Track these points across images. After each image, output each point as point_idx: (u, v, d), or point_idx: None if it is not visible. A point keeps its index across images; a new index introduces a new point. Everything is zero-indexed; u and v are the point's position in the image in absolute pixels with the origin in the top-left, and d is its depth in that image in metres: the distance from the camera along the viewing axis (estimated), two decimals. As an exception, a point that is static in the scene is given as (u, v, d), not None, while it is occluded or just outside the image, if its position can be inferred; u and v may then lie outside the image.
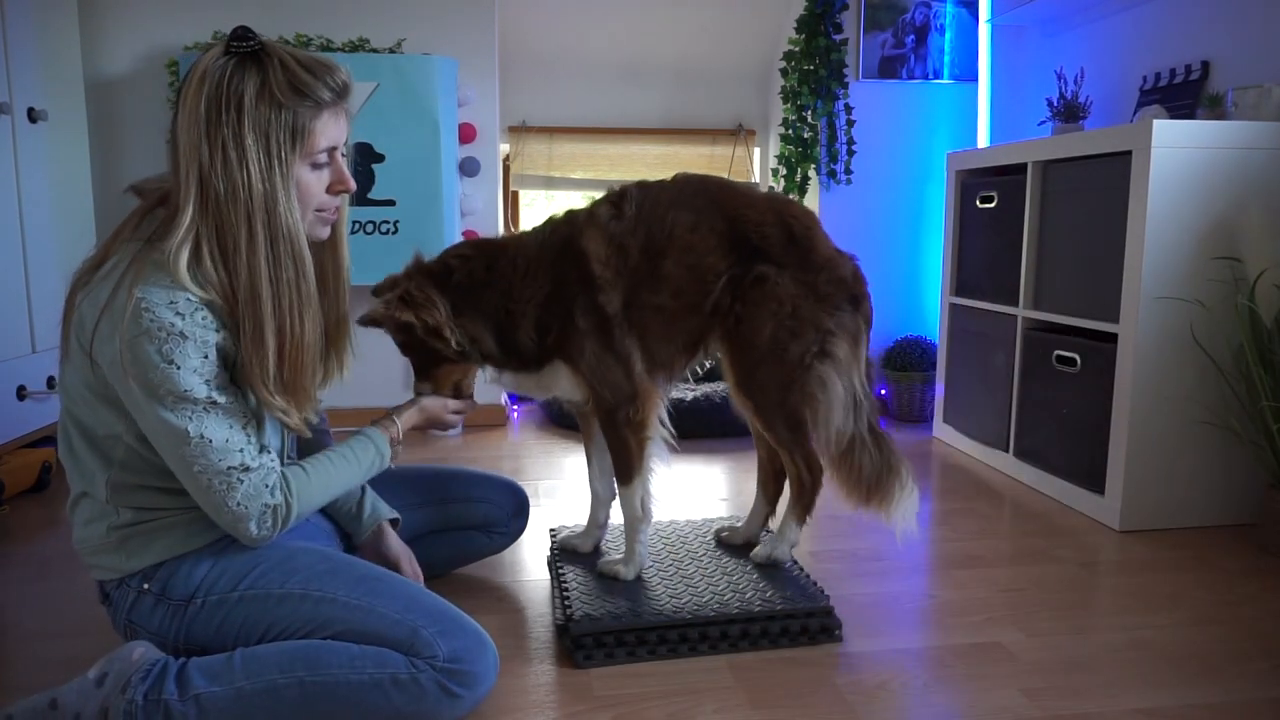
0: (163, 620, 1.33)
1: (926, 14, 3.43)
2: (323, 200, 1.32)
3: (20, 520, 2.29)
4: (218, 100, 1.19)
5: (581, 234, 1.66)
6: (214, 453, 1.23)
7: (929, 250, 3.55)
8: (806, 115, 3.39)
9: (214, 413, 1.23)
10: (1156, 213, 2.13)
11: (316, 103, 1.24)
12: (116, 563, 1.33)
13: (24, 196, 2.53)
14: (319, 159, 1.28)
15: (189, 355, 1.20)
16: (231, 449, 1.24)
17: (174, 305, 1.19)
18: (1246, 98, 2.25)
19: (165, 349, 1.18)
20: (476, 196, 3.27)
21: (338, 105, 1.29)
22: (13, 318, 2.49)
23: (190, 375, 1.20)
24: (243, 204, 1.21)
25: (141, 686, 1.23)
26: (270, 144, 1.21)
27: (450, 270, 1.68)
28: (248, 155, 1.20)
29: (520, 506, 1.93)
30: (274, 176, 1.22)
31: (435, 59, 2.99)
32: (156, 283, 1.19)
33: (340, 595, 1.33)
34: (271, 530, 1.30)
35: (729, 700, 1.46)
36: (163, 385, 1.19)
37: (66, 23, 2.79)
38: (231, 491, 1.25)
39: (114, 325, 1.18)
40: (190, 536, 1.35)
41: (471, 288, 1.66)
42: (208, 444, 1.22)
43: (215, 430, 1.23)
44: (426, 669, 1.28)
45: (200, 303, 1.21)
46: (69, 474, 1.36)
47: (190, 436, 1.21)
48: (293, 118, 1.23)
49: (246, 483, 1.26)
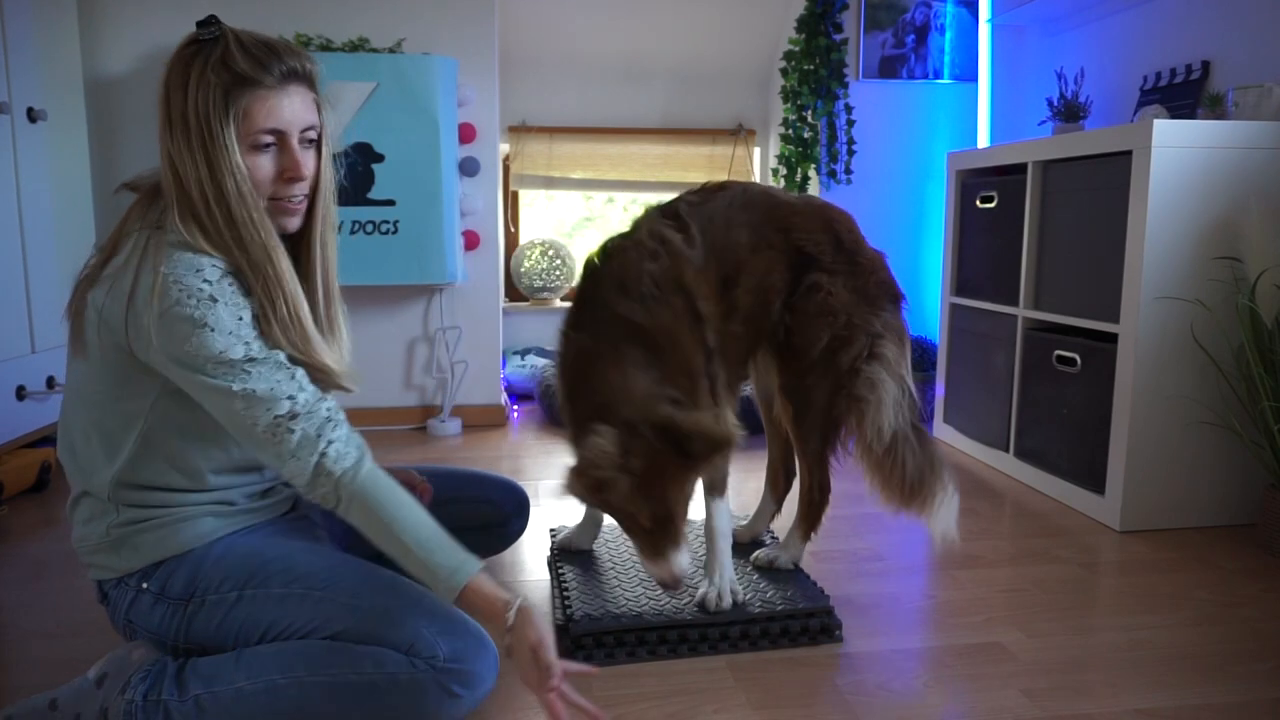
0: (162, 619, 1.33)
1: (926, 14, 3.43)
2: (275, 189, 1.28)
3: (20, 520, 2.29)
4: (170, 85, 1.24)
5: (681, 271, 1.58)
6: (260, 405, 1.22)
7: (929, 250, 3.55)
8: (806, 115, 3.39)
9: (255, 368, 1.23)
10: (1156, 213, 2.13)
11: (253, 83, 1.22)
12: (115, 562, 1.33)
13: (24, 196, 2.53)
14: (259, 140, 1.25)
15: (222, 318, 1.20)
16: (278, 397, 1.23)
17: (201, 273, 1.21)
18: (1247, 98, 2.25)
19: (197, 315, 1.19)
20: (476, 196, 3.27)
21: (285, 87, 1.25)
22: (13, 318, 2.49)
23: (225, 337, 1.20)
24: (203, 184, 1.23)
25: (141, 687, 1.23)
26: (208, 124, 1.21)
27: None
28: (191, 135, 1.22)
29: (520, 507, 1.89)
30: (217, 156, 1.22)
31: (435, 59, 2.99)
32: (179, 258, 1.21)
33: (340, 595, 1.33)
34: (326, 495, 1.25)
35: (729, 700, 1.45)
36: (200, 353, 1.19)
37: (66, 23, 2.79)
38: (284, 444, 1.23)
39: (145, 306, 1.19)
40: (189, 536, 1.35)
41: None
42: (253, 397, 1.22)
43: (259, 383, 1.23)
44: (427, 669, 1.28)
45: (225, 271, 1.23)
46: (69, 473, 1.36)
47: (236, 393, 1.21)
48: (224, 95, 1.21)
49: (299, 432, 1.24)
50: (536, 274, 3.87)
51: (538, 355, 3.76)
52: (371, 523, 1.27)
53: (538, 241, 3.90)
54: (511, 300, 3.97)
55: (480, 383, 3.36)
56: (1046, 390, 2.54)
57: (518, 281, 3.91)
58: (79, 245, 2.84)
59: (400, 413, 3.30)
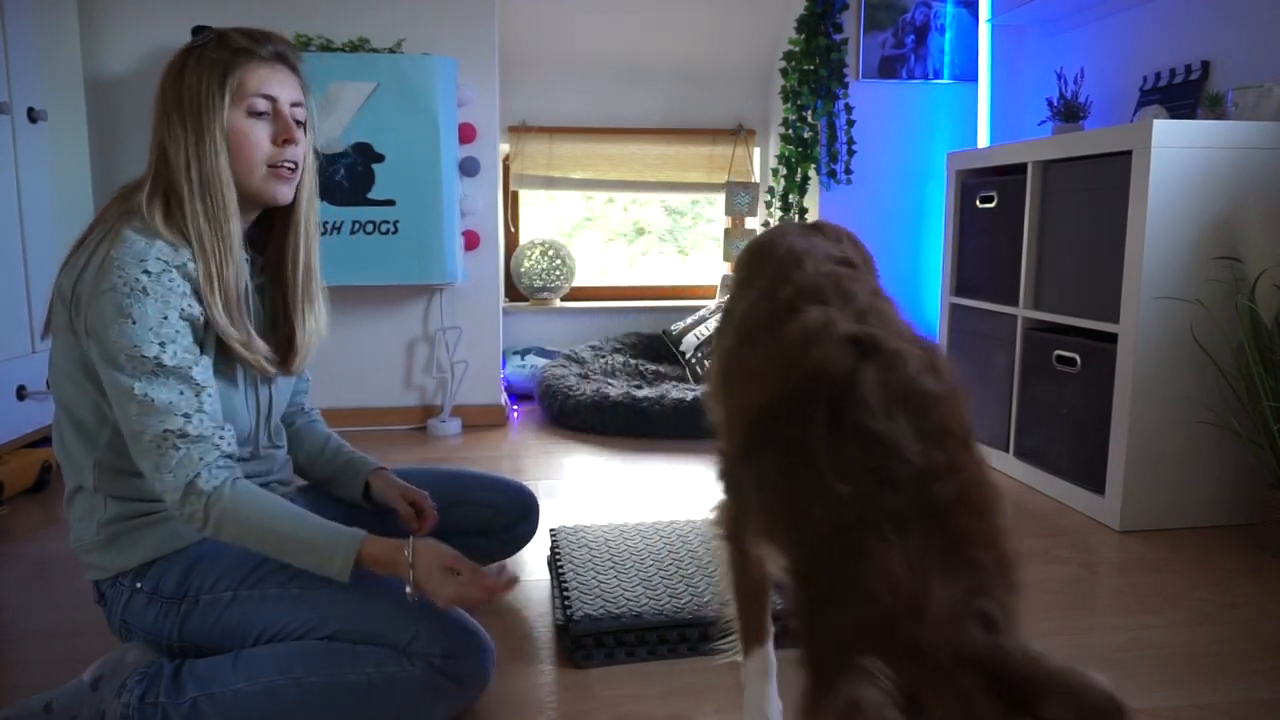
0: (156, 619, 1.33)
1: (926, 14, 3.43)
2: (271, 152, 1.33)
3: (20, 520, 2.29)
4: (168, 79, 1.31)
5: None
6: (155, 414, 1.21)
7: (929, 250, 3.54)
8: (806, 115, 3.39)
9: (162, 375, 1.22)
10: (1156, 213, 2.13)
11: (248, 54, 1.31)
12: (108, 560, 1.33)
13: (24, 196, 2.53)
14: (255, 105, 1.31)
15: (146, 312, 1.21)
16: (174, 413, 1.22)
17: (144, 263, 1.22)
18: (1246, 98, 2.25)
19: (124, 304, 1.20)
20: (476, 196, 3.27)
21: (276, 63, 1.34)
22: (13, 318, 2.49)
23: (144, 332, 1.21)
24: (181, 154, 1.28)
25: (137, 689, 1.23)
26: (200, 97, 1.28)
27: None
28: (183, 111, 1.28)
29: (525, 511, 1.84)
30: (204, 126, 1.28)
31: (435, 59, 2.99)
32: (132, 243, 1.22)
33: (337, 595, 1.32)
34: (190, 517, 1.24)
35: (729, 700, 1.45)
36: (118, 342, 1.20)
37: (66, 23, 2.79)
38: (165, 458, 1.22)
39: (92, 284, 1.22)
40: (179, 533, 1.35)
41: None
42: (149, 404, 1.21)
43: (160, 392, 1.22)
44: (424, 667, 1.28)
45: (173, 266, 1.23)
46: (63, 469, 1.36)
47: (135, 395, 1.21)
48: (222, 69, 1.29)
49: (183, 451, 1.22)
50: (536, 274, 3.87)
51: (538, 355, 3.76)
52: (248, 534, 1.25)
53: (538, 241, 3.90)
54: (511, 300, 3.97)
55: (480, 383, 3.36)
56: (1046, 390, 2.54)
57: (518, 281, 3.91)
58: (79, 245, 2.84)
59: (400, 413, 3.30)
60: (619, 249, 4.32)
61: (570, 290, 3.99)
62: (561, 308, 3.94)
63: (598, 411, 3.18)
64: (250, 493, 1.26)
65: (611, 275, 4.27)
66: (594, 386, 3.30)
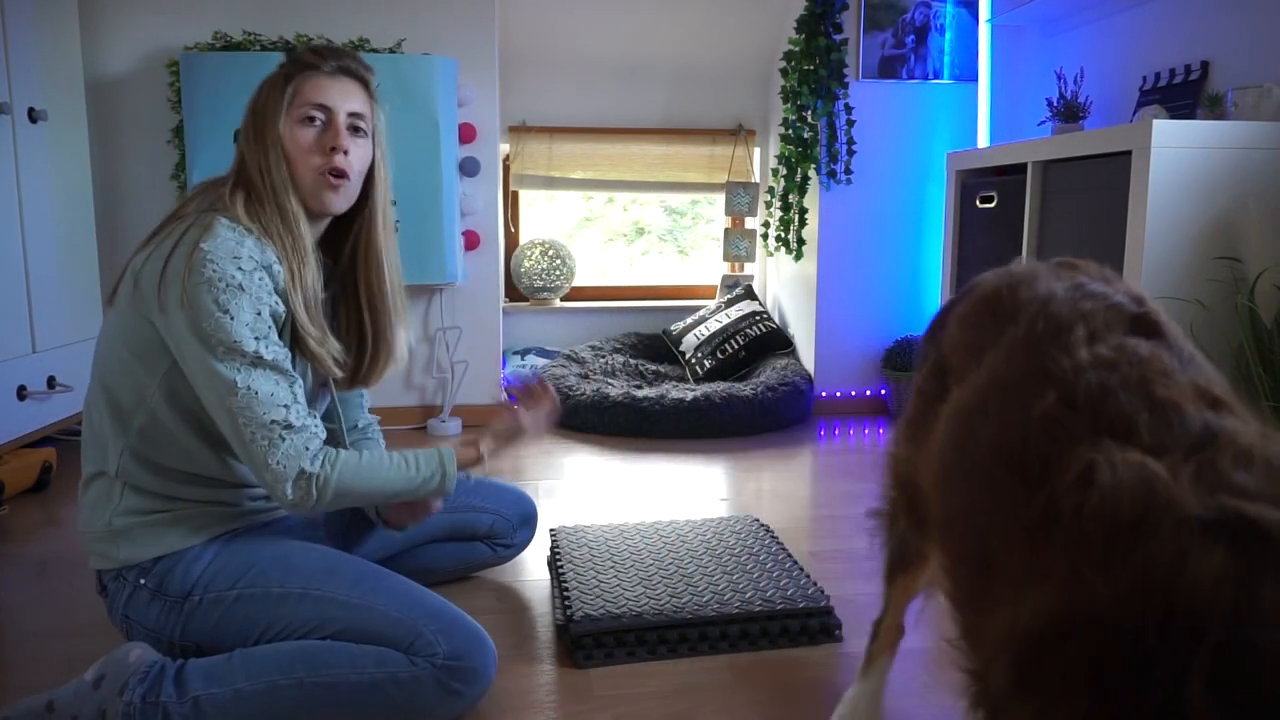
0: (159, 616, 1.33)
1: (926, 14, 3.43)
2: (319, 161, 1.37)
3: (20, 520, 2.29)
4: (256, 90, 1.41)
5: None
6: (259, 405, 1.26)
7: (929, 250, 3.54)
8: (806, 115, 3.39)
9: (261, 367, 1.28)
10: (1156, 213, 2.13)
11: (312, 68, 1.39)
12: (115, 553, 1.34)
13: (24, 196, 2.53)
14: (307, 112, 1.37)
15: (243, 308, 1.26)
16: (276, 403, 1.28)
17: (237, 260, 1.27)
18: (1246, 98, 2.25)
19: (222, 299, 1.24)
20: (476, 196, 3.27)
21: (336, 75, 1.40)
22: (13, 318, 2.49)
23: (242, 327, 1.26)
24: (252, 159, 1.36)
25: (139, 688, 1.23)
26: (265, 106, 1.38)
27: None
28: (255, 119, 1.38)
29: (526, 517, 1.91)
30: (268, 133, 1.36)
31: (435, 59, 2.99)
32: (224, 239, 1.27)
33: (340, 594, 1.33)
34: (305, 497, 1.30)
35: (729, 700, 1.46)
36: (215, 334, 1.24)
37: (66, 23, 2.79)
38: (273, 448, 1.27)
39: (178, 274, 1.25)
40: (190, 533, 1.35)
41: None
42: (253, 395, 1.26)
43: (262, 383, 1.27)
44: (427, 667, 1.28)
45: (262, 266, 1.29)
46: (86, 452, 1.38)
47: (238, 388, 1.25)
48: (284, 81, 1.38)
49: (288, 441, 1.28)
50: (536, 274, 3.87)
51: (538, 355, 3.76)
52: (357, 499, 1.36)
53: (538, 241, 3.90)
54: (511, 300, 3.97)
55: (480, 383, 3.36)
56: (1046, 390, 2.53)
57: (518, 281, 3.91)
58: (79, 245, 2.84)
59: (400, 412, 3.30)
60: (619, 249, 4.32)
61: (570, 290, 3.99)
62: (561, 308, 3.94)
63: (598, 411, 3.18)
64: (348, 465, 1.34)
65: (611, 275, 4.27)
66: (594, 386, 3.30)
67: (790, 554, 1.90)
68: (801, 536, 2.20)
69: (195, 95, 2.88)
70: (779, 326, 3.69)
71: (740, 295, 3.80)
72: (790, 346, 3.69)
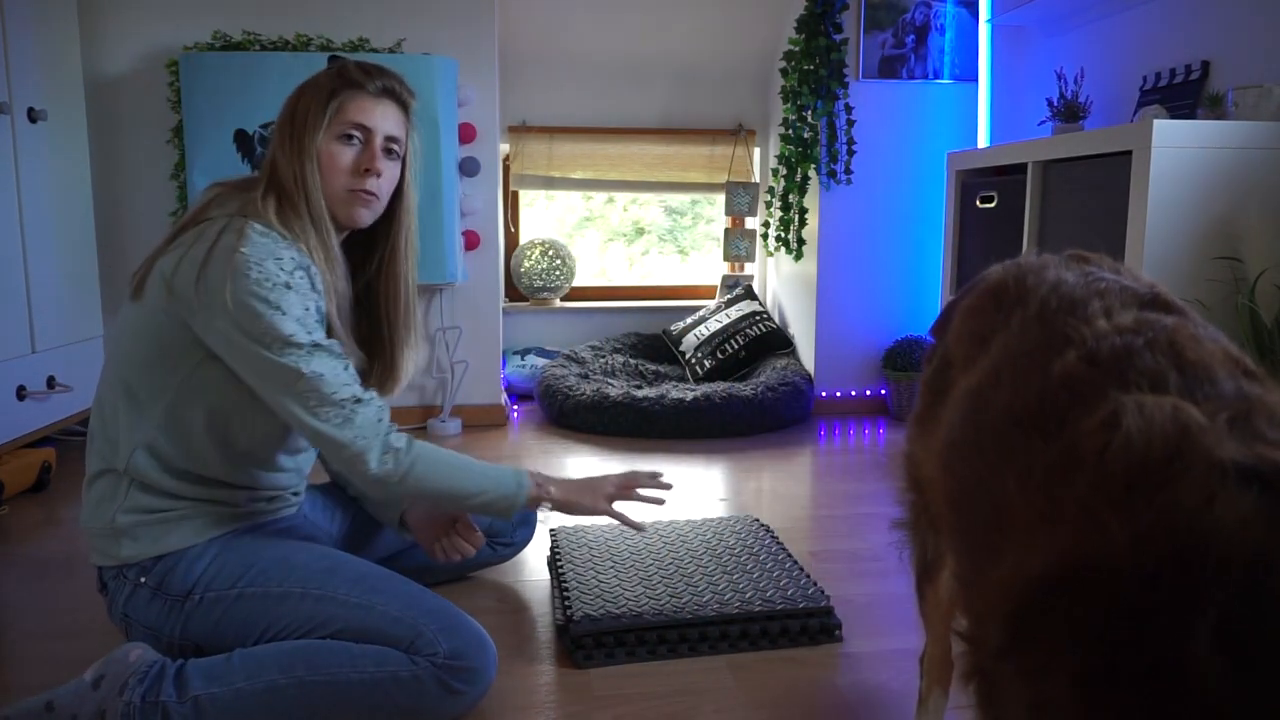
0: (159, 614, 1.33)
1: (926, 14, 3.42)
2: (351, 180, 1.41)
3: (20, 520, 2.29)
4: (290, 96, 1.42)
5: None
6: (327, 385, 1.30)
7: (929, 250, 3.54)
8: (806, 115, 3.39)
9: (319, 353, 1.31)
10: (1156, 213, 2.13)
11: (357, 86, 1.41)
12: (117, 550, 1.34)
13: (24, 196, 2.53)
14: (346, 130, 1.40)
15: (292, 304, 1.29)
16: (343, 382, 1.32)
17: (279, 261, 1.29)
18: (1246, 98, 2.25)
19: (272, 297, 1.27)
20: (476, 196, 3.27)
21: (380, 97, 1.43)
22: (13, 318, 2.49)
23: (293, 322, 1.29)
24: (288, 167, 1.37)
25: (139, 688, 1.23)
26: (308, 116, 1.39)
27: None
28: (294, 127, 1.39)
29: (525, 517, 1.93)
30: (304, 144, 1.38)
31: (435, 59, 2.99)
32: (261, 243, 1.29)
33: (340, 594, 1.33)
34: (392, 471, 1.33)
35: (729, 700, 1.45)
36: (269, 332, 1.27)
37: (66, 23, 2.79)
38: (349, 424, 1.30)
39: (220, 281, 1.26)
40: (192, 532, 1.36)
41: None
42: (320, 377, 1.29)
43: (324, 366, 1.30)
44: (427, 666, 1.28)
45: (301, 267, 1.32)
46: (93, 447, 1.38)
47: (304, 373, 1.28)
48: (328, 95, 1.39)
49: (362, 414, 1.32)
50: (536, 274, 3.87)
51: (538, 355, 3.76)
52: (439, 479, 1.39)
53: (538, 241, 3.90)
54: (511, 300, 3.97)
55: (480, 383, 3.36)
56: (1046, 390, 2.53)
57: (518, 281, 3.91)
58: (79, 245, 2.84)
59: (400, 413, 3.29)
60: (619, 249, 4.32)
61: (570, 290, 3.99)
62: (561, 308, 3.94)
63: (598, 411, 3.17)
64: (430, 452, 1.39)
65: (611, 275, 4.27)
66: (594, 386, 3.30)
67: (790, 554, 1.90)
68: (801, 536, 2.20)
69: (195, 95, 2.88)
70: (779, 326, 3.69)
71: (740, 295, 3.80)
72: (790, 346, 3.69)
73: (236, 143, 2.92)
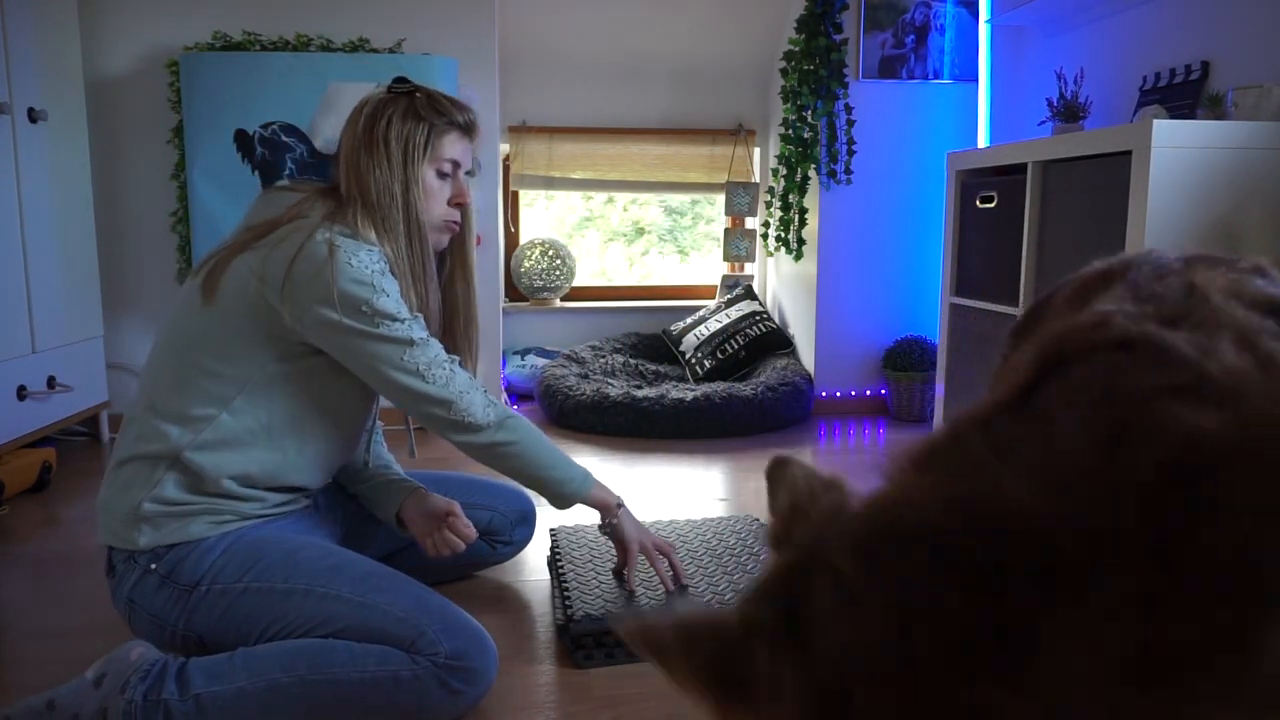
0: (164, 603, 1.34)
1: (926, 14, 3.43)
2: (445, 210, 1.54)
3: (20, 520, 2.29)
4: (374, 117, 1.48)
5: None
6: (432, 348, 1.45)
7: (929, 250, 3.55)
8: (806, 115, 3.39)
9: (418, 324, 1.45)
10: (1156, 213, 2.13)
11: (449, 121, 1.51)
12: (135, 536, 1.34)
13: (24, 196, 2.53)
14: (444, 167, 1.52)
15: (390, 286, 1.41)
16: (439, 350, 1.47)
17: (371, 253, 1.40)
18: (1246, 98, 2.25)
19: (376, 282, 1.38)
20: (477, 196, 3.27)
21: (464, 133, 1.55)
22: (13, 318, 2.49)
23: (396, 301, 1.41)
24: (388, 192, 1.46)
25: (140, 686, 1.23)
26: (408, 146, 1.47)
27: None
28: (392, 155, 1.46)
29: (524, 516, 1.93)
30: (408, 172, 1.47)
31: (435, 59, 2.99)
32: (347, 243, 1.38)
33: (344, 592, 1.33)
34: (496, 421, 1.50)
35: (729, 700, 1.45)
36: (376, 311, 1.38)
37: (66, 23, 2.79)
38: (452, 382, 1.46)
39: (316, 274, 1.34)
40: (211, 525, 1.37)
41: None
42: (427, 343, 1.44)
43: (422, 334, 1.44)
44: (428, 666, 1.29)
45: (384, 261, 1.43)
46: (130, 432, 1.39)
47: (414, 339, 1.42)
48: (428, 130, 1.49)
49: (461, 373, 1.48)
50: (536, 274, 3.87)
51: (538, 355, 3.76)
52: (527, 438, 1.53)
53: (538, 241, 3.90)
54: (511, 300, 3.97)
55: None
56: (1046, 390, 2.53)
57: (518, 281, 3.91)
58: (79, 245, 2.84)
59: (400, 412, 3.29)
60: (619, 249, 4.32)
61: (570, 290, 3.99)
62: (561, 308, 3.94)
63: (598, 411, 3.18)
64: (524, 421, 1.57)
65: (611, 275, 4.27)
66: (594, 386, 3.30)
67: (790, 554, 1.89)
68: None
69: (195, 95, 2.88)
70: (779, 326, 3.69)
71: (740, 295, 3.80)
72: (790, 346, 3.69)
73: (236, 143, 2.92)
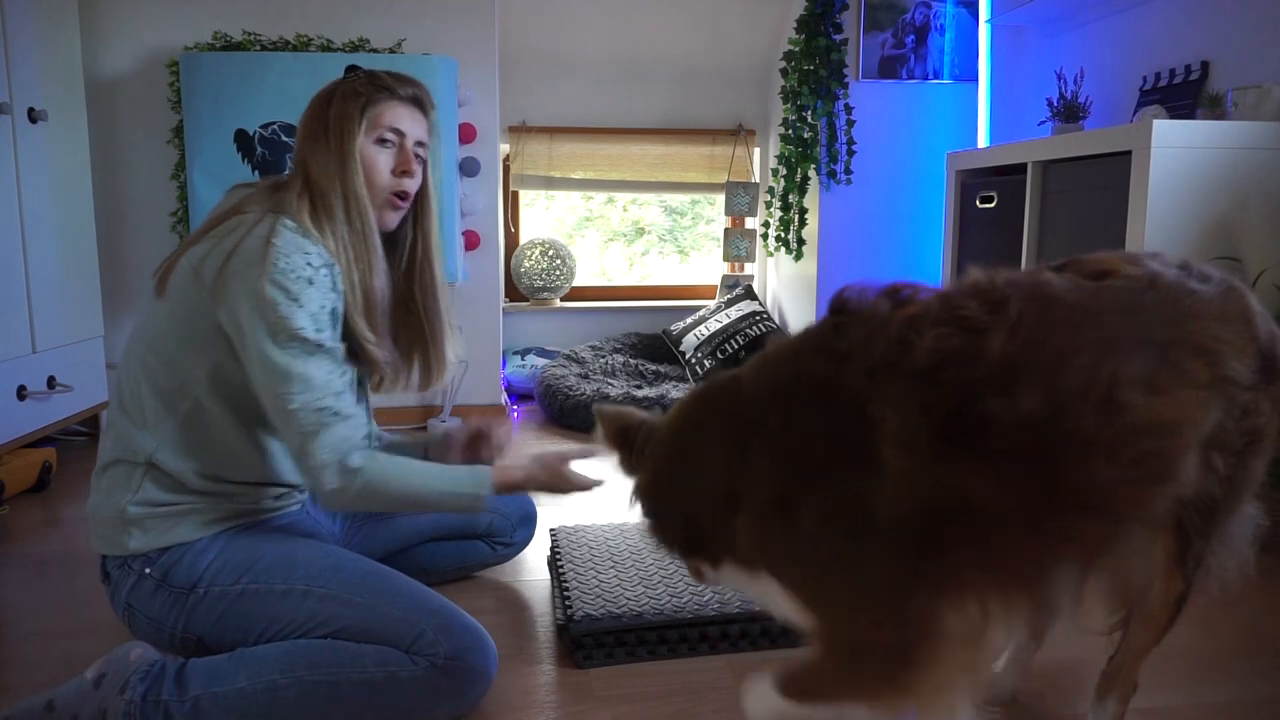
0: (162, 607, 1.34)
1: (926, 14, 3.43)
2: (390, 181, 1.46)
3: (20, 520, 2.29)
4: (318, 103, 1.45)
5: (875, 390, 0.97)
6: (314, 390, 1.32)
7: (929, 250, 3.55)
8: (806, 115, 3.39)
9: (318, 355, 1.33)
10: (1156, 213, 2.13)
11: (389, 92, 1.46)
12: (125, 540, 1.34)
13: (24, 196, 2.53)
14: (384, 135, 1.45)
15: (310, 299, 1.32)
16: (330, 390, 1.34)
17: (307, 256, 1.33)
18: (1246, 98, 2.25)
19: (293, 289, 1.30)
20: (476, 196, 3.27)
21: (411, 105, 1.49)
22: (13, 318, 2.49)
23: (307, 316, 1.32)
24: (326, 171, 1.40)
25: (140, 687, 1.23)
26: (343, 120, 1.42)
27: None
28: (330, 133, 1.42)
29: (526, 517, 1.93)
30: (345, 146, 1.41)
31: (435, 59, 2.99)
32: (293, 238, 1.33)
33: (343, 593, 1.33)
34: (341, 491, 1.34)
35: (729, 700, 1.46)
36: (280, 322, 1.29)
37: (66, 23, 2.79)
38: (323, 432, 1.32)
39: (248, 265, 1.30)
40: (200, 527, 1.37)
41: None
42: (309, 380, 1.32)
43: (317, 370, 1.33)
44: (428, 666, 1.28)
45: (326, 265, 1.36)
46: (109, 436, 1.39)
47: (294, 374, 1.30)
48: (364, 101, 1.43)
49: (336, 428, 1.33)
50: (536, 274, 3.87)
51: (538, 355, 3.76)
52: (387, 503, 1.41)
53: (538, 241, 3.90)
54: (511, 300, 3.97)
55: (480, 383, 3.36)
56: (1046, 390, 2.53)
57: (518, 281, 3.91)
58: (79, 245, 2.84)
59: (400, 412, 3.30)
60: (619, 249, 4.32)
61: (570, 290, 3.99)
62: (561, 308, 3.94)
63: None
64: (385, 465, 1.39)
65: (611, 275, 4.27)
66: (594, 386, 3.30)
67: (790, 554, 1.89)
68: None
69: (195, 95, 2.88)
70: (779, 326, 3.69)
71: (740, 295, 3.80)
72: (790, 346, 3.68)
73: (236, 143, 2.92)
